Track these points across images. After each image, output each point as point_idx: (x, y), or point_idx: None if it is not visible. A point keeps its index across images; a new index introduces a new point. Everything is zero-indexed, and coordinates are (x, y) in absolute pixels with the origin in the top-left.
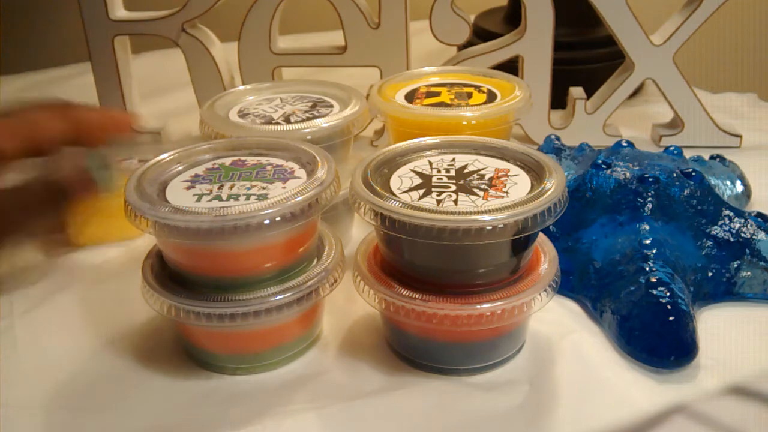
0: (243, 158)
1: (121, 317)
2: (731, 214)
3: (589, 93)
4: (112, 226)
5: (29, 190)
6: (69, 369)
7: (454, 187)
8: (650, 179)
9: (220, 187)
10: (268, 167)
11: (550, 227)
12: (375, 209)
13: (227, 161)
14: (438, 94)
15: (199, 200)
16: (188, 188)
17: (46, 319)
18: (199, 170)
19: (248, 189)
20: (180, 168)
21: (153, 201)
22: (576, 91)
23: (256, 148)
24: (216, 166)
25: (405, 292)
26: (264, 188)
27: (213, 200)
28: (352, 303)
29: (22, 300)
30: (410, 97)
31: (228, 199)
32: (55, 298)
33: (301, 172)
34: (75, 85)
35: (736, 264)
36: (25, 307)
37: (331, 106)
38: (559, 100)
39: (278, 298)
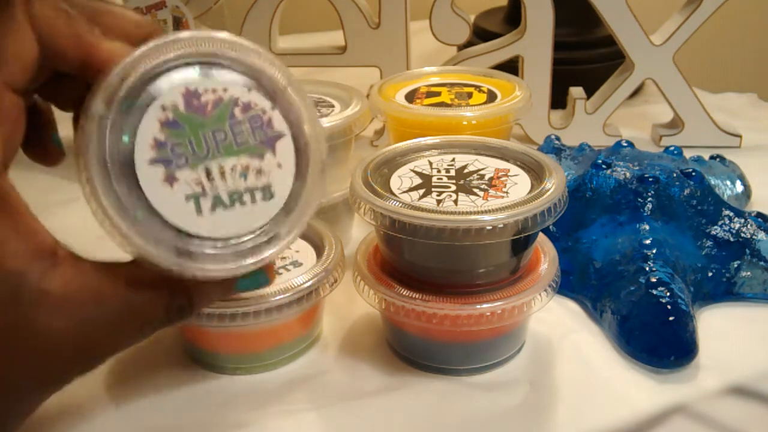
0: (197, 92)
1: None
2: (731, 214)
3: (589, 93)
4: None
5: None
6: None
7: (454, 187)
8: (650, 179)
9: (209, 175)
10: (237, 112)
11: (550, 227)
12: (375, 209)
13: (179, 104)
14: (438, 94)
15: (198, 209)
16: (168, 179)
17: None
18: (153, 125)
19: (243, 176)
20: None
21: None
22: (576, 91)
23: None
24: (172, 118)
25: (405, 292)
26: (259, 170)
27: (216, 206)
28: (352, 303)
29: None
30: (410, 97)
31: (232, 202)
32: None
33: (278, 118)
34: None
35: (736, 264)
36: None
37: (333, 106)
38: (559, 100)
39: (278, 298)
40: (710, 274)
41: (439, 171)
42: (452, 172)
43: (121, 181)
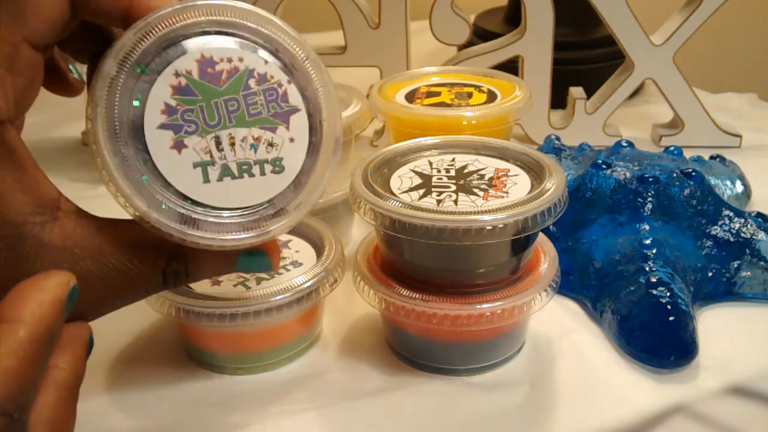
0: (212, 60)
1: (121, 317)
2: (731, 214)
3: (589, 93)
4: None
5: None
6: None
7: (454, 187)
8: (650, 179)
9: (218, 144)
10: (252, 83)
11: (550, 227)
12: (375, 209)
13: (193, 70)
14: (438, 94)
15: (206, 177)
16: (176, 146)
17: None
18: (164, 90)
19: (254, 148)
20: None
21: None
22: (576, 91)
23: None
24: (185, 84)
25: (405, 292)
26: (271, 143)
27: (224, 176)
28: (352, 303)
29: None
30: (410, 97)
31: (240, 173)
32: None
33: (294, 92)
34: None
35: (736, 264)
36: None
37: None
38: (559, 100)
39: (278, 298)
40: (710, 274)
41: (439, 171)
42: (452, 172)
43: (129, 143)
